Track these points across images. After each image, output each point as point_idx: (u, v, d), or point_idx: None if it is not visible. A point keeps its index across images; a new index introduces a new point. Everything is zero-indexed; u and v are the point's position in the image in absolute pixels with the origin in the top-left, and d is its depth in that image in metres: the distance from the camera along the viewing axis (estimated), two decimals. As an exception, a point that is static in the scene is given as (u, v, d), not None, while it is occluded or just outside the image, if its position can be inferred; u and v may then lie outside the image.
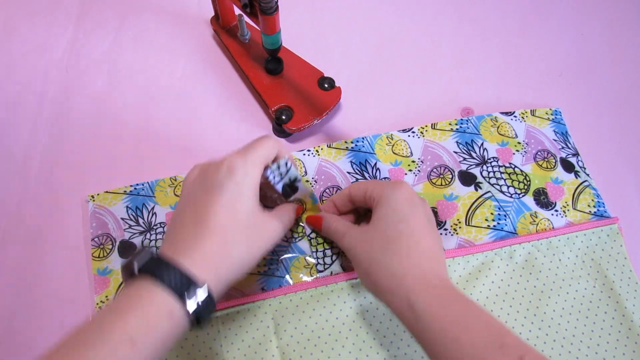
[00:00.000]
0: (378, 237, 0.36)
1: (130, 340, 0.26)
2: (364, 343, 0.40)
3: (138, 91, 0.54)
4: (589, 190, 0.49)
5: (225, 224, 0.32)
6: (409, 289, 0.33)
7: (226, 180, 0.33)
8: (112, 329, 0.27)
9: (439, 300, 0.32)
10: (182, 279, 0.29)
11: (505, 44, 0.59)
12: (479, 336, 0.30)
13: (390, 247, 0.35)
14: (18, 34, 0.57)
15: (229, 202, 0.33)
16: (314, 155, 0.49)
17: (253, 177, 0.34)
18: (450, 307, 0.32)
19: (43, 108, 0.52)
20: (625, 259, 0.45)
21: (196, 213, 0.33)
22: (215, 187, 0.33)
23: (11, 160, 0.49)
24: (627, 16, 0.62)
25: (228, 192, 0.33)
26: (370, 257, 0.36)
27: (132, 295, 0.28)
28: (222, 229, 0.32)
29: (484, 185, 0.48)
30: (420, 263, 0.34)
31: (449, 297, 0.33)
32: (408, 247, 0.35)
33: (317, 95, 0.51)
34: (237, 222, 0.33)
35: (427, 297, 0.32)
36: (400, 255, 0.34)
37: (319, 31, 0.58)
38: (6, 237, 0.45)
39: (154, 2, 0.60)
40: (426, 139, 0.50)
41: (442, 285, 0.33)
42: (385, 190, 0.38)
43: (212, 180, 0.33)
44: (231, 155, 0.35)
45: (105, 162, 0.49)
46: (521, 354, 0.28)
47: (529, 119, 0.52)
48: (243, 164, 0.34)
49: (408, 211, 0.36)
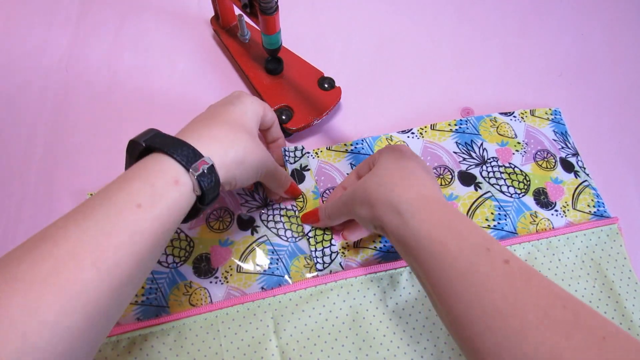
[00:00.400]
0: (378, 172, 0.37)
1: (137, 204, 0.27)
2: (364, 342, 0.40)
3: (138, 91, 0.54)
4: (589, 190, 0.49)
5: (233, 121, 0.35)
6: (399, 197, 0.33)
7: (235, 99, 0.38)
8: (118, 193, 0.27)
9: (428, 207, 0.32)
10: (187, 151, 0.30)
11: (505, 44, 0.59)
12: (466, 240, 0.30)
13: (384, 172, 0.36)
14: (18, 34, 0.57)
15: (237, 111, 0.36)
16: (313, 157, 0.49)
17: (256, 107, 0.39)
18: (438, 212, 0.32)
19: (43, 108, 0.52)
20: (625, 259, 0.45)
21: (204, 116, 0.36)
22: (225, 103, 0.37)
23: (11, 160, 0.49)
24: (627, 16, 0.62)
25: (236, 106, 0.37)
26: (364, 180, 0.37)
27: (139, 167, 0.29)
28: (230, 123, 0.35)
29: (483, 185, 0.48)
30: (412, 184, 0.34)
31: (439, 206, 0.33)
32: (402, 169, 0.36)
33: (317, 95, 0.51)
34: (243, 123, 0.36)
35: (416, 203, 0.32)
36: (393, 175, 0.35)
37: (319, 31, 0.58)
38: (6, 237, 0.45)
39: (154, 2, 0.60)
40: (425, 140, 0.50)
41: (434, 197, 0.34)
42: (377, 152, 0.40)
43: (220, 104, 0.38)
44: (238, 90, 0.40)
45: (105, 162, 0.49)
46: (506, 258, 0.28)
47: (529, 119, 0.52)
48: (249, 96, 0.39)
49: (403, 152, 0.38)
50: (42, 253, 0.24)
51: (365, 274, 0.42)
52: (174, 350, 0.39)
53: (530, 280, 0.27)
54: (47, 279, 0.23)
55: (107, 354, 0.38)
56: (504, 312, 0.26)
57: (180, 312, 0.40)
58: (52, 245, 0.25)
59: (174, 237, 0.44)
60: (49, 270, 0.23)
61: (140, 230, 0.27)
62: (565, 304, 0.26)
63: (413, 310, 0.41)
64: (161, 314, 0.41)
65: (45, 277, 0.23)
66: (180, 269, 0.43)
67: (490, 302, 0.27)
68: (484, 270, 0.28)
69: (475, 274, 0.28)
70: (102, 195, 0.28)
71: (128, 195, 0.27)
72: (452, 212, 0.32)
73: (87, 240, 0.25)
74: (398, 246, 0.34)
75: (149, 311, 0.41)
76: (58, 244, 0.25)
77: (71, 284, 0.24)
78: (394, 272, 0.43)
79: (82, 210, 0.27)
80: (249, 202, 0.46)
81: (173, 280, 0.42)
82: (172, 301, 0.41)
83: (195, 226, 0.45)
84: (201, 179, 0.29)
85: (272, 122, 0.42)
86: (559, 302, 0.26)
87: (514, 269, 0.28)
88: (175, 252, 0.43)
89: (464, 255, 0.29)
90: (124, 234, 0.26)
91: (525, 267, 0.28)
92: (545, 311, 0.25)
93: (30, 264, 0.24)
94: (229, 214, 0.45)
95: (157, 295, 0.41)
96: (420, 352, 0.40)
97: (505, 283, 0.27)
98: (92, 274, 0.24)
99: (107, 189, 0.28)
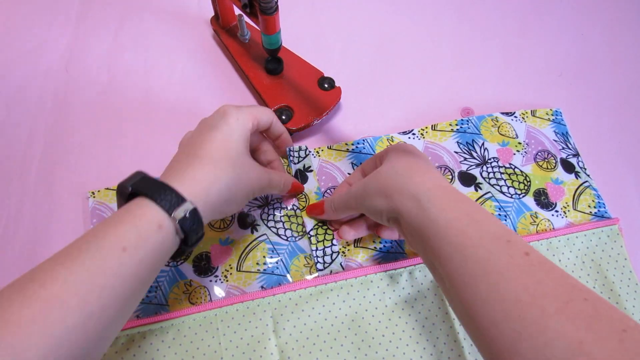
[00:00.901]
0: (387, 167, 0.37)
1: (122, 248, 0.28)
2: (363, 342, 0.40)
3: (138, 91, 0.54)
4: (590, 190, 0.49)
5: (216, 155, 0.34)
6: (417, 186, 0.33)
7: (219, 121, 0.36)
8: (104, 237, 0.28)
9: (447, 196, 0.32)
10: (170, 196, 0.30)
11: (505, 44, 0.59)
12: (487, 230, 0.30)
13: (398, 164, 0.36)
14: (18, 34, 0.57)
15: (220, 139, 0.35)
16: (314, 156, 0.49)
17: (244, 123, 0.37)
18: (457, 202, 0.32)
19: (43, 108, 0.52)
20: (626, 259, 0.45)
21: (189, 149, 0.35)
22: (209, 127, 0.36)
23: (11, 160, 0.49)
24: (627, 16, 0.62)
25: (220, 131, 0.36)
26: (378, 172, 0.37)
27: (125, 211, 0.30)
28: (212, 159, 0.34)
29: (484, 186, 0.48)
30: (429, 175, 0.35)
31: (457, 195, 0.33)
32: (415, 162, 0.36)
33: (317, 95, 0.51)
34: (226, 154, 0.35)
35: (435, 192, 0.33)
36: (409, 167, 0.36)
37: (319, 31, 0.58)
38: (6, 237, 0.45)
39: (154, 2, 0.60)
40: (426, 141, 0.50)
41: (451, 188, 0.34)
42: (383, 151, 0.40)
43: (205, 124, 0.37)
44: (225, 105, 0.38)
45: (105, 162, 0.49)
46: (526, 251, 0.28)
47: (530, 119, 0.52)
48: (236, 111, 0.37)
49: (411, 149, 0.38)
50: (30, 295, 0.25)
51: (365, 274, 0.42)
52: (172, 348, 0.39)
53: (550, 272, 0.27)
54: (34, 321, 0.24)
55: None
56: (524, 300, 0.26)
57: (179, 310, 0.40)
58: (39, 287, 0.25)
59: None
60: (36, 313, 0.24)
61: (125, 274, 0.28)
62: (586, 296, 0.26)
63: (412, 311, 0.41)
64: (161, 312, 0.41)
65: (33, 319, 0.24)
66: (180, 268, 0.43)
67: (510, 291, 0.27)
68: (504, 260, 0.28)
69: (495, 263, 0.28)
70: (89, 237, 0.28)
71: (114, 238, 0.28)
72: (470, 202, 0.32)
73: (74, 282, 0.26)
74: (414, 236, 0.33)
75: (149, 309, 0.41)
76: (46, 285, 0.25)
77: (57, 327, 0.25)
78: (393, 272, 0.43)
79: (70, 252, 0.28)
80: (249, 201, 0.46)
81: (173, 279, 0.42)
82: (172, 299, 0.41)
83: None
84: (183, 223, 0.30)
85: (268, 123, 0.41)
86: (579, 295, 0.26)
87: (534, 261, 0.28)
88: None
89: (483, 245, 0.29)
90: (110, 277, 0.27)
91: (545, 260, 0.28)
92: (566, 302, 0.25)
93: (19, 306, 0.24)
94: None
95: (157, 293, 0.41)
96: (419, 352, 0.40)
97: (526, 274, 0.27)
98: (78, 317, 0.25)
99: (94, 230, 0.29)
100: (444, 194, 0.33)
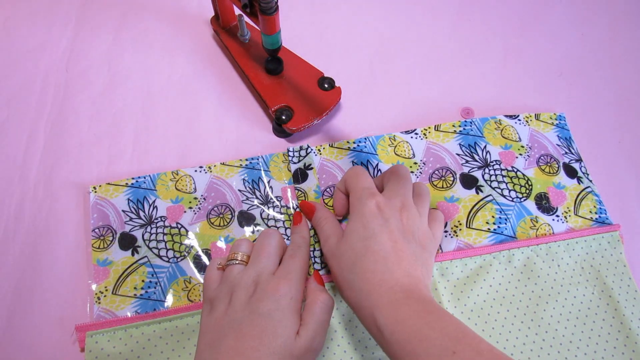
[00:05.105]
0: (348, 254, 0.37)
1: None
2: (360, 342, 0.40)
3: (138, 91, 0.54)
4: (592, 196, 0.48)
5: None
6: (373, 305, 0.34)
7: (274, 309, 0.34)
8: None
9: (399, 315, 0.33)
10: None
11: (505, 44, 0.59)
12: (433, 346, 0.30)
13: (358, 264, 0.36)
14: (18, 34, 0.57)
15: (271, 329, 0.33)
16: (316, 154, 0.49)
17: (297, 299, 0.35)
18: (409, 321, 0.32)
19: (43, 108, 0.52)
20: (625, 266, 0.45)
21: (237, 344, 0.32)
22: (262, 316, 0.33)
23: (11, 160, 0.49)
24: (627, 16, 0.62)
25: (273, 320, 0.33)
26: (341, 275, 0.37)
27: None
28: None
29: (485, 189, 0.47)
30: (386, 279, 0.35)
31: (410, 310, 0.33)
32: (375, 262, 0.35)
33: (317, 95, 0.51)
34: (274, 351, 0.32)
35: (388, 312, 0.33)
36: (366, 272, 0.35)
37: (319, 31, 0.58)
38: (6, 237, 0.45)
39: (154, 2, 0.60)
40: (429, 141, 0.50)
41: (405, 296, 0.34)
42: (355, 203, 0.39)
43: (257, 306, 0.34)
44: (278, 280, 0.35)
45: (105, 162, 0.49)
46: (471, 357, 0.29)
47: (533, 122, 0.52)
48: (288, 287, 0.35)
49: (377, 226, 0.37)
50: None
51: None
52: (170, 345, 0.39)
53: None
54: None
55: (103, 345, 0.39)
56: None
57: (178, 307, 0.41)
58: None
59: (175, 232, 0.44)
60: None
61: None
62: None
63: None
64: (159, 308, 0.41)
65: None
66: (180, 264, 0.43)
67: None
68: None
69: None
70: None
71: None
72: (425, 312, 0.33)
73: None
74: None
75: (147, 305, 0.41)
76: None
77: None
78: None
79: None
80: (249, 200, 0.46)
81: (173, 275, 0.42)
82: (171, 296, 0.42)
83: (196, 222, 0.45)
84: None
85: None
86: None
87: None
88: (176, 247, 0.44)
89: (430, 358, 0.30)
90: None
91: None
92: None
93: None
94: (229, 210, 0.46)
95: (156, 290, 0.42)
96: None
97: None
98: None
99: None
100: (397, 313, 0.33)
